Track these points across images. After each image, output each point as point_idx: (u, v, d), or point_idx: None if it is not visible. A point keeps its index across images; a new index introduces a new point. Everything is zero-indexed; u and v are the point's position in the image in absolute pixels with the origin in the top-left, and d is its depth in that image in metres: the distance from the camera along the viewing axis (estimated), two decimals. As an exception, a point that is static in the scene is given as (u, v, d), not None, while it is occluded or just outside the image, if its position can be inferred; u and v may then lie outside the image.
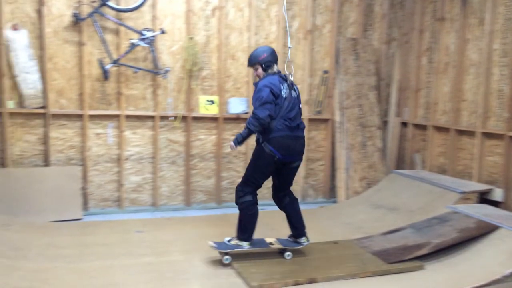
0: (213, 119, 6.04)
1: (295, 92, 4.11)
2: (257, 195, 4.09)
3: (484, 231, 4.27)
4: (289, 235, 4.34)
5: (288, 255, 4.16)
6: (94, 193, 5.64)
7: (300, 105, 4.14)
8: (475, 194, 5.06)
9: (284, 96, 3.95)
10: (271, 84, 3.90)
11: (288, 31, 5.19)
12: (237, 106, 6.10)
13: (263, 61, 4.03)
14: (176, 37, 5.79)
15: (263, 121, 3.81)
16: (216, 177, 6.13)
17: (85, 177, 5.55)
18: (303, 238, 4.27)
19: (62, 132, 5.46)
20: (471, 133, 5.46)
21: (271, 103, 3.85)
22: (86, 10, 5.33)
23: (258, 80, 4.05)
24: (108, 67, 5.40)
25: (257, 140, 4.03)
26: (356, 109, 6.34)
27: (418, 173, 5.95)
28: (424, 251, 4.16)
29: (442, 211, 4.82)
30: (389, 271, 3.97)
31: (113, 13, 5.42)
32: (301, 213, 4.31)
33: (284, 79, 4.06)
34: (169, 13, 5.72)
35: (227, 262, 3.98)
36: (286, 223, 4.34)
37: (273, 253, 4.25)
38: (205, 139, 6.04)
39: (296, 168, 4.18)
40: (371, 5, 6.60)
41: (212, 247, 4.02)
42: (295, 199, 4.31)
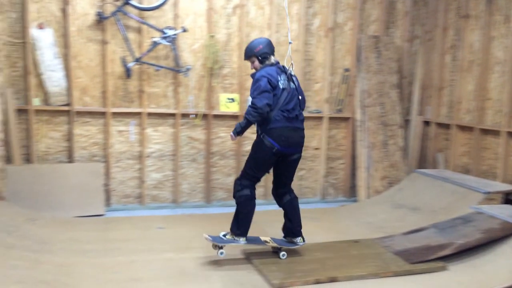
0: (234, 117, 6.06)
1: (294, 83, 4.05)
2: (255, 189, 4.04)
3: (509, 232, 4.18)
4: (283, 235, 4.23)
5: (283, 255, 4.08)
6: (116, 189, 5.72)
7: (300, 96, 4.06)
8: (499, 194, 4.96)
9: (282, 87, 3.90)
10: (268, 74, 3.86)
11: (288, 28, 5.12)
12: (257, 104, 6.09)
13: (259, 53, 3.99)
14: (197, 35, 5.82)
15: (261, 111, 3.74)
16: (236, 175, 6.12)
17: (107, 173, 5.63)
18: (299, 238, 4.18)
19: (85, 129, 5.55)
20: (496, 133, 5.35)
21: (269, 92, 3.79)
22: (109, 9, 5.40)
23: (255, 72, 4.00)
24: (130, 65, 5.47)
25: (256, 132, 4.00)
26: (377, 107, 6.28)
27: (440, 172, 5.86)
28: (447, 252, 4.10)
29: (465, 212, 4.73)
30: (412, 272, 3.92)
31: (135, 11, 5.49)
32: (300, 212, 4.22)
33: (282, 70, 4.01)
34: (190, 12, 5.75)
35: (222, 256, 3.93)
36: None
37: (293, 251, 4.24)
38: (225, 137, 6.06)
39: (296, 161, 4.11)
40: (393, 3, 6.52)
41: (207, 239, 3.97)
42: (296, 197, 4.23)
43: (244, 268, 3.97)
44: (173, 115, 5.83)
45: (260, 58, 4.00)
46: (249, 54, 4.05)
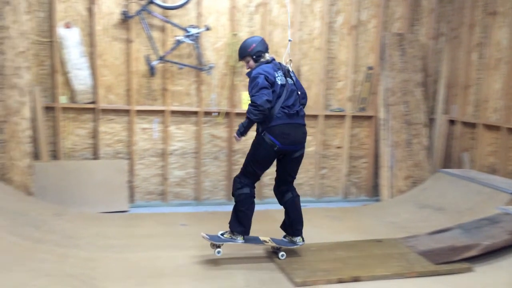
0: (256, 115, 6.06)
1: (292, 79, 3.97)
2: (255, 188, 3.98)
3: (538, 234, 4.09)
4: (284, 235, 4.17)
5: (282, 255, 4.01)
6: (139, 186, 5.80)
7: (299, 92, 3.97)
8: (528, 195, 4.85)
9: (279, 83, 3.82)
10: (265, 71, 3.77)
11: (289, 26, 5.10)
12: (279, 102, 6.09)
13: (253, 52, 3.91)
14: (220, 34, 5.85)
15: (262, 108, 3.64)
16: (258, 173, 6.16)
17: (131, 170, 5.71)
18: (299, 238, 4.09)
19: (110, 126, 5.64)
20: (524, 132, 5.23)
21: (268, 88, 3.70)
22: (134, 8, 5.47)
23: (250, 70, 3.92)
24: (154, 63, 5.53)
25: (256, 130, 3.90)
26: (401, 106, 6.20)
27: (466, 172, 5.76)
28: (473, 253, 4.02)
29: (492, 212, 4.63)
30: (436, 272, 3.86)
31: (159, 10, 5.54)
32: (301, 211, 4.14)
33: (278, 67, 3.95)
34: (213, 10, 5.78)
35: (219, 255, 3.88)
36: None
37: (317, 250, 4.23)
38: (247, 135, 6.05)
39: (299, 158, 4.01)
40: (418, 0, 6.43)
41: (204, 238, 3.92)
42: (298, 196, 4.14)
43: (266, 266, 3.97)
44: (196, 113, 5.87)
45: (254, 57, 3.92)
46: (243, 54, 3.97)
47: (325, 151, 6.38)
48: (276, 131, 3.77)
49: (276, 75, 3.83)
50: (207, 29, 5.66)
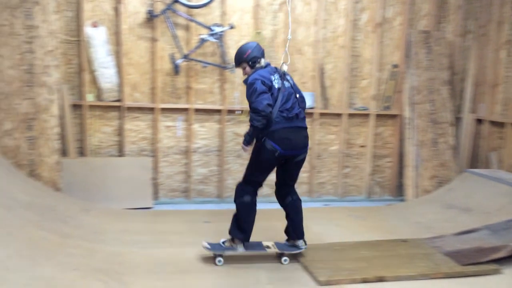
0: (279, 113, 6.06)
1: (289, 82, 3.91)
2: (257, 195, 3.93)
3: None
4: (286, 239, 4.10)
5: (285, 260, 3.96)
6: (163, 183, 5.87)
7: (297, 95, 3.88)
8: (559, 196, 4.72)
9: (276, 86, 3.77)
10: (261, 76, 3.73)
11: (289, 23, 5.02)
12: (303, 100, 6.07)
13: (249, 58, 3.86)
14: (243, 32, 5.86)
15: (264, 113, 3.58)
16: (280, 171, 6.15)
17: (155, 168, 5.78)
18: (301, 241, 4.01)
19: (135, 124, 5.72)
20: (555, 131, 5.08)
21: (266, 92, 3.65)
22: (159, 7, 5.53)
23: (247, 77, 3.88)
24: (178, 62, 5.58)
25: (256, 136, 3.77)
26: (427, 104, 6.10)
27: (494, 172, 5.63)
28: (501, 254, 3.94)
29: (521, 214, 4.54)
30: (463, 273, 3.80)
31: (184, 9, 5.59)
32: (302, 214, 4.07)
33: (274, 70, 3.89)
34: (237, 9, 5.80)
35: (220, 264, 3.85)
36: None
37: (340, 249, 4.21)
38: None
39: (301, 162, 3.92)
40: (445, -4, 6.33)
41: (205, 248, 3.89)
42: (299, 199, 4.07)
43: (290, 264, 3.97)
44: (219, 111, 5.91)
45: (250, 63, 3.88)
46: (239, 60, 3.93)
47: (349, 150, 6.33)
48: (276, 136, 3.70)
49: (272, 78, 3.79)
50: (231, 27, 5.68)
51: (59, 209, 4.61)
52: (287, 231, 4.09)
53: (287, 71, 3.97)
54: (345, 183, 6.37)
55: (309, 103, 6.07)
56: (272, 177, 4.04)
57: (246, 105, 5.89)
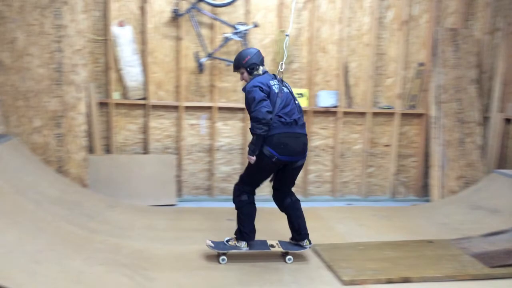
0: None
1: (287, 88, 3.90)
2: (255, 194, 3.93)
3: None
4: (291, 237, 4.07)
5: (289, 259, 3.94)
6: (187, 181, 5.92)
7: (296, 101, 3.89)
8: None
9: (275, 91, 3.75)
10: (259, 82, 3.72)
11: (291, 20, 4.95)
12: (326, 99, 6.05)
13: (247, 64, 3.85)
14: (267, 31, 5.87)
15: (265, 121, 3.58)
16: (303, 170, 6.12)
17: (179, 165, 5.84)
18: (305, 241, 3.98)
19: (160, 122, 5.79)
20: None
21: (265, 99, 3.64)
22: (184, 6, 5.58)
23: (245, 84, 3.87)
24: (203, 60, 5.62)
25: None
26: (454, 103, 5.99)
27: (523, 173, 5.49)
28: (531, 257, 3.85)
29: (552, 216, 4.42)
30: (491, 276, 3.72)
31: (208, 8, 5.63)
32: (303, 214, 4.03)
33: (273, 77, 3.88)
34: (262, 7, 5.80)
35: (223, 263, 3.85)
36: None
37: (364, 249, 4.17)
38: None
39: (299, 168, 3.91)
40: (473, -7, 6.20)
41: (209, 246, 3.89)
42: (297, 200, 4.04)
43: (313, 262, 3.96)
44: (242, 109, 5.91)
45: (248, 69, 3.88)
46: (238, 65, 3.93)
47: (373, 149, 6.27)
48: (273, 142, 3.67)
49: (271, 83, 3.78)
50: (255, 26, 5.69)
51: (86, 205, 4.70)
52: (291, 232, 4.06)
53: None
54: (369, 182, 6.30)
55: (332, 101, 6.06)
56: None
57: (269, 104, 5.92)
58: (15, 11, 4.85)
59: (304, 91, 6.02)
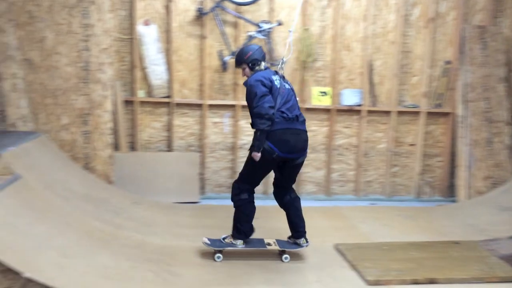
0: (326, 110, 6.01)
1: (288, 85, 3.88)
2: (254, 192, 3.91)
3: None
4: (289, 236, 4.05)
5: (285, 258, 3.92)
6: (210, 178, 5.96)
7: (296, 98, 3.89)
8: None
9: (277, 86, 3.73)
10: (261, 77, 3.71)
11: (295, 18, 4.92)
12: (350, 97, 6.00)
13: (249, 59, 3.85)
14: (291, 29, 5.83)
15: (267, 116, 3.58)
16: (326, 169, 6.11)
17: (202, 163, 5.88)
18: (302, 239, 3.96)
19: (183, 120, 5.84)
20: None
21: (267, 94, 3.64)
22: (208, 4, 5.61)
23: (247, 79, 3.85)
24: (226, 58, 5.64)
25: (254, 135, 3.75)
26: (481, 102, 5.86)
27: (554, 174, 5.34)
28: (562, 260, 3.75)
29: None
30: (520, 279, 3.64)
31: (232, 6, 5.64)
32: (302, 213, 4.00)
33: (274, 73, 3.85)
34: (286, 5, 5.79)
35: (219, 260, 3.85)
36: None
37: (389, 249, 4.13)
38: (316, 131, 6.03)
39: (299, 165, 3.89)
40: (502, -10, 6.04)
41: (205, 243, 3.89)
42: (297, 197, 4.03)
43: (337, 262, 3.94)
44: (266, 108, 5.91)
45: (250, 65, 3.87)
46: (240, 61, 3.93)
47: (397, 149, 6.19)
48: (275, 138, 3.66)
49: (272, 78, 3.77)
50: (279, 24, 5.68)
51: (112, 201, 4.78)
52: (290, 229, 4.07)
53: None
54: (393, 182, 6.23)
55: (356, 100, 6.00)
56: (272, 175, 4.05)
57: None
58: (44, 11, 4.96)
59: (327, 89, 5.98)
